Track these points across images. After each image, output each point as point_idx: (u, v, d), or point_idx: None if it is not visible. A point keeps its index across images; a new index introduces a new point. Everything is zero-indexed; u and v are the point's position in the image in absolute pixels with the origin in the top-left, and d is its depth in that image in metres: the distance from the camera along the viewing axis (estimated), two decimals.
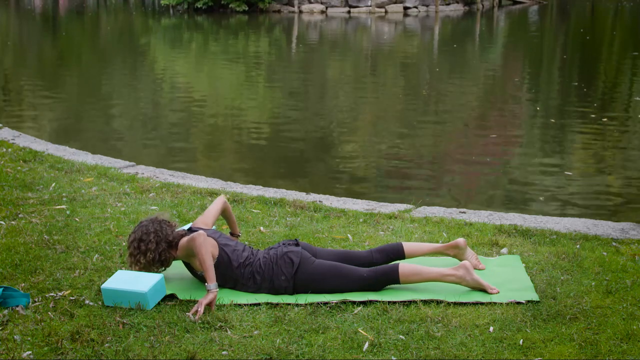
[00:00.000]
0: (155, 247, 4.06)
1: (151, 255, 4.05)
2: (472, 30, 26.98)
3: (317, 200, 5.80)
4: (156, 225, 4.12)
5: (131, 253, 4.09)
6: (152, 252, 4.05)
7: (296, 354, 3.39)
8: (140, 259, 4.05)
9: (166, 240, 4.10)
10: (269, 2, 31.48)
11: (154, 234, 4.07)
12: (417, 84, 15.07)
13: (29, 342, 3.42)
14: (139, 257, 4.05)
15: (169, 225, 4.17)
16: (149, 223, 4.14)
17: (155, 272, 4.14)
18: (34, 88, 14.24)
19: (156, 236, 4.07)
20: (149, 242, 4.05)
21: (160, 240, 4.08)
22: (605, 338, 3.52)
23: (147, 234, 4.07)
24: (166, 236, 4.10)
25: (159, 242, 4.08)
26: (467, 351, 3.41)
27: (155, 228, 4.10)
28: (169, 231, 4.13)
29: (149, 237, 4.06)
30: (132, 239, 4.11)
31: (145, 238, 4.06)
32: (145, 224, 4.14)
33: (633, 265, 4.40)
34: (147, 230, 4.09)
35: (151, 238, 4.06)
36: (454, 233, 5.02)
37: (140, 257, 4.05)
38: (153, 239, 4.06)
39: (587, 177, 7.95)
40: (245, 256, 4.15)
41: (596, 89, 14.05)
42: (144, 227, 4.12)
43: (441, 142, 9.85)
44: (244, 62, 17.95)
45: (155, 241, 4.07)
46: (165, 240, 4.10)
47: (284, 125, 10.86)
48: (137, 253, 4.06)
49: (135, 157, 7.69)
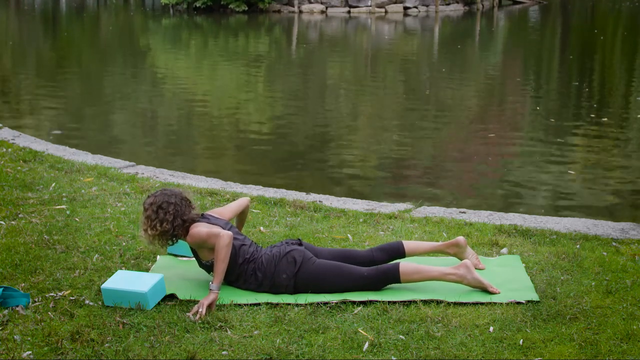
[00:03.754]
0: (172, 219, 4.02)
1: (167, 226, 4.01)
2: (472, 30, 26.98)
3: (317, 200, 5.80)
4: (177, 199, 4.08)
5: (148, 216, 4.03)
6: (169, 223, 4.01)
7: (296, 354, 3.39)
8: (157, 225, 4.00)
9: (182, 217, 4.06)
10: (269, 2, 31.48)
11: (174, 206, 4.04)
12: (418, 84, 15.07)
13: (29, 342, 3.42)
14: (156, 223, 4.00)
15: (188, 204, 4.13)
16: (172, 194, 4.09)
17: (162, 246, 4.11)
18: (34, 88, 14.23)
19: (175, 209, 4.03)
20: (167, 212, 4.02)
21: (178, 215, 4.04)
22: (605, 338, 3.52)
23: (168, 204, 4.03)
24: (182, 214, 4.06)
25: (176, 216, 4.04)
26: (467, 351, 3.41)
27: (176, 201, 4.06)
28: (187, 210, 4.09)
29: (168, 208, 4.03)
30: (152, 201, 4.06)
31: (165, 207, 4.03)
32: (168, 193, 4.09)
33: (633, 265, 4.40)
34: (168, 200, 4.05)
35: (170, 209, 4.02)
36: (454, 233, 5.01)
37: (157, 223, 4.00)
38: (172, 210, 4.02)
39: (587, 177, 7.95)
40: (250, 252, 4.14)
41: (597, 88, 14.05)
42: (166, 196, 4.07)
43: (442, 142, 9.85)
44: (244, 62, 17.94)
45: (173, 214, 4.03)
46: (181, 217, 4.06)
47: (284, 125, 10.86)
48: (155, 218, 4.01)
49: (135, 157, 7.69)
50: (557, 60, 18.80)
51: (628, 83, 14.94)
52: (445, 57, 19.58)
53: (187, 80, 15.53)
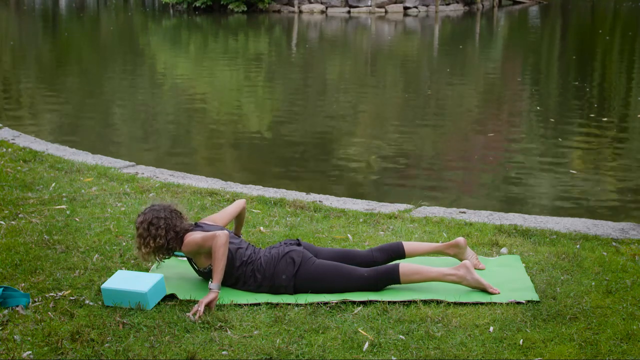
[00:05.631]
0: (164, 233, 4.03)
1: (161, 241, 4.02)
2: (472, 30, 26.97)
3: (317, 200, 5.80)
4: (167, 212, 4.09)
5: (140, 234, 4.04)
6: (162, 238, 4.02)
7: (296, 354, 3.39)
8: (150, 242, 4.01)
9: (174, 230, 4.07)
10: (269, 2, 31.48)
11: (164, 221, 4.04)
12: (418, 84, 15.07)
13: (29, 342, 3.43)
14: (149, 240, 4.01)
15: (179, 216, 4.14)
16: (161, 209, 4.10)
17: (158, 261, 4.13)
18: (34, 88, 14.23)
19: (166, 223, 4.04)
20: (158, 228, 4.02)
21: (169, 228, 4.05)
22: (605, 338, 3.52)
23: (158, 219, 4.04)
24: (174, 226, 4.07)
25: (168, 230, 4.04)
26: (467, 351, 3.41)
27: (166, 215, 4.07)
28: (178, 222, 4.10)
29: (159, 223, 4.03)
30: (142, 219, 4.06)
31: (155, 222, 4.03)
32: (157, 209, 4.10)
33: (633, 265, 4.40)
34: (158, 215, 4.05)
35: (161, 224, 4.03)
36: (454, 233, 5.02)
37: (150, 240, 4.01)
38: (163, 225, 4.03)
39: (587, 177, 7.95)
40: (247, 254, 4.14)
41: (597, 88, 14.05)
42: (155, 212, 4.08)
43: (442, 142, 9.84)
44: (244, 62, 17.94)
45: (165, 228, 4.03)
46: (173, 230, 4.07)
47: (284, 125, 10.86)
48: (147, 235, 4.02)
49: (135, 157, 7.69)
50: (557, 60, 18.80)
51: (629, 83, 14.94)
52: (446, 57, 19.57)
53: (187, 80, 15.53)
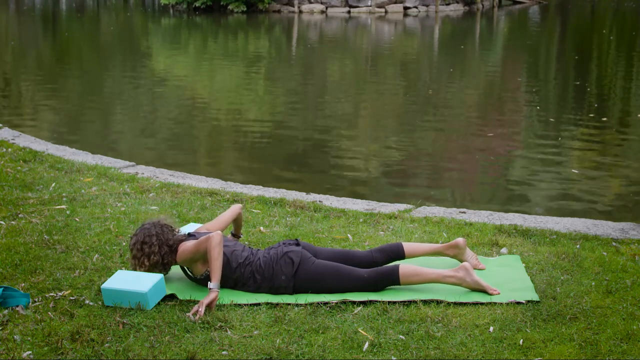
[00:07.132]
0: (158, 249, 4.07)
1: (155, 257, 4.07)
2: (472, 30, 26.97)
3: (317, 200, 5.80)
4: (157, 228, 4.14)
5: (135, 255, 4.10)
6: (156, 254, 4.07)
7: (296, 354, 3.39)
8: (144, 262, 4.07)
9: (167, 244, 4.11)
10: (269, 2, 31.47)
11: (156, 237, 4.09)
12: (418, 84, 15.07)
13: (29, 342, 3.42)
14: (143, 259, 4.07)
15: (170, 229, 4.19)
16: (151, 226, 4.15)
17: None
18: (34, 88, 14.23)
19: (158, 239, 4.09)
20: (151, 245, 4.07)
21: (162, 243, 4.10)
22: (605, 338, 3.52)
23: (150, 236, 4.08)
24: (167, 240, 4.12)
25: (161, 245, 4.09)
26: (467, 351, 3.41)
27: (157, 231, 4.12)
28: (170, 235, 4.15)
29: (151, 240, 4.08)
30: (135, 241, 4.12)
31: (147, 241, 4.08)
32: (147, 227, 4.15)
33: (633, 265, 4.40)
34: (149, 233, 4.10)
35: (153, 241, 4.08)
36: (454, 233, 5.02)
37: (145, 259, 4.06)
38: (155, 241, 4.08)
39: (587, 177, 7.95)
40: (244, 256, 4.15)
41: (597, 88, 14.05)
42: (145, 230, 4.13)
43: (442, 142, 9.84)
44: (244, 62, 17.94)
45: (158, 244, 4.08)
46: (166, 244, 4.11)
47: (284, 125, 10.86)
48: (140, 255, 4.07)
49: (135, 157, 7.69)
50: (557, 59, 18.80)
51: (629, 83, 14.93)
52: (446, 57, 19.57)
53: (187, 80, 15.53)
